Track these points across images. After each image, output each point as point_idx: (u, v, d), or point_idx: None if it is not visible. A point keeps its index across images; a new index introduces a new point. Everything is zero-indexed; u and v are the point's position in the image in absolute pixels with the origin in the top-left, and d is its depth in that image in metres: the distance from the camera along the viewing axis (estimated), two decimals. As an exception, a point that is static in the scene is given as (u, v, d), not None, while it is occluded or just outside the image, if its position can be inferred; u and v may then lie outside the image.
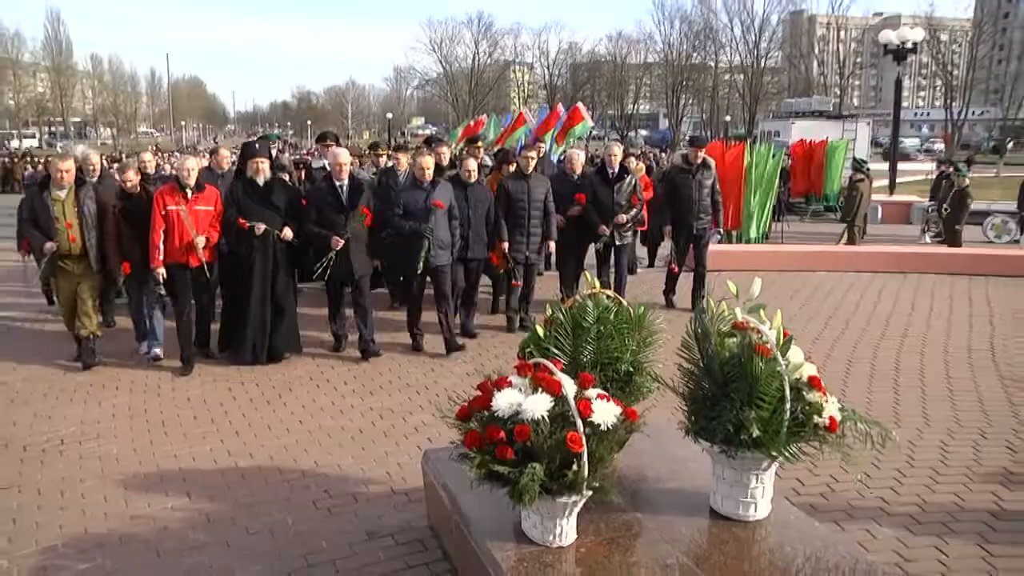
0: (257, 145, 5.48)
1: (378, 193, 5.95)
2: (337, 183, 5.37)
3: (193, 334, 5.38)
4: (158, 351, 5.52)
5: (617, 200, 6.43)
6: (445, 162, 6.88)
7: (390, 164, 6.90)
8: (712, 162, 7.05)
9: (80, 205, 5.17)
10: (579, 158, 6.68)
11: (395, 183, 6.27)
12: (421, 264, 5.40)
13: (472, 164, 6.00)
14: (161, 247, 5.10)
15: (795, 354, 2.37)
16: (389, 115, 51.70)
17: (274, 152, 7.89)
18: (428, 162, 5.50)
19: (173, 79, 77.26)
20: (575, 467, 2.07)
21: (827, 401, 2.33)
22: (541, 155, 7.85)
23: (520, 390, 2.20)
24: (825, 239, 11.86)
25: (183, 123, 76.07)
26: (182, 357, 5.32)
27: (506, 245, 6.03)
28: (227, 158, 6.75)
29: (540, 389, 2.16)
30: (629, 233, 6.68)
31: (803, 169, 15.73)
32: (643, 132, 63.51)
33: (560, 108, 17.33)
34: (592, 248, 6.65)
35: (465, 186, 5.87)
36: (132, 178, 5.44)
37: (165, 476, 3.79)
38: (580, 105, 15.08)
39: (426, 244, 5.39)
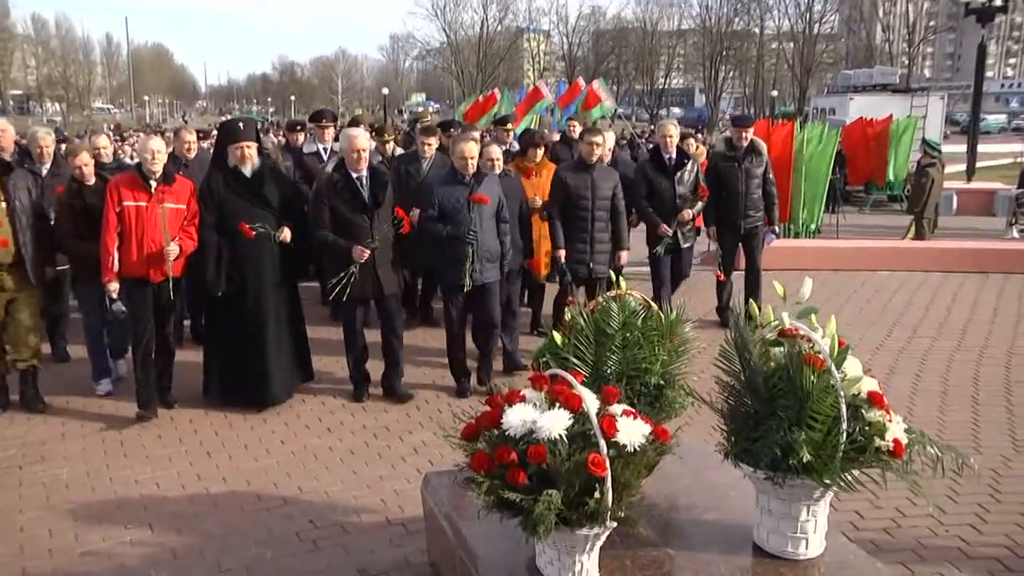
0: (241, 125, 4.90)
1: (395, 187, 5.39)
2: (355, 175, 4.79)
3: (153, 373, 4.82)
4: (108, 384, 5.24)
5: (680, 192, 6.12)
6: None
7: (411, 148, 6.40)
8: (763, 145, 6.73)
9: (10, 199, 4.60)
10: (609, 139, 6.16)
11: (416, 173, 5.95)
12: (468, 279, 4.87)
13: (495, 151, 5.42)
14: (116, 254, 4.53)
15: (852, 366, 2.37)
16: (385, 90, 51.92)
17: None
18: (471, 150, 4.93)
19: (134, 46, 77.96)
20: (597, 494, 2.08)
21: (891, 421, 2.32)
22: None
23: (535, 405, 2.21)
24: (889, 233, 11.79)
25: (146, 98, 76.55)
26: (140, 400, 4.80)
27: (563, 254, 5.49)
28: (193, 143, 6.23)
29: (557, 404, 2.17)
30: (693, 233, 6.38)
31: (863, 152, 15.67)
32: (676, 110, 63.25)
33: (581, 82, 17.38)
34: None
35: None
36: (86, 161, 4.99)
37: (123, 504, 3.83)
38: (597, 84, 15.09)
39: (470, 253, 4.86)
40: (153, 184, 4.58)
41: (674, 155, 6.20)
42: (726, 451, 2.45)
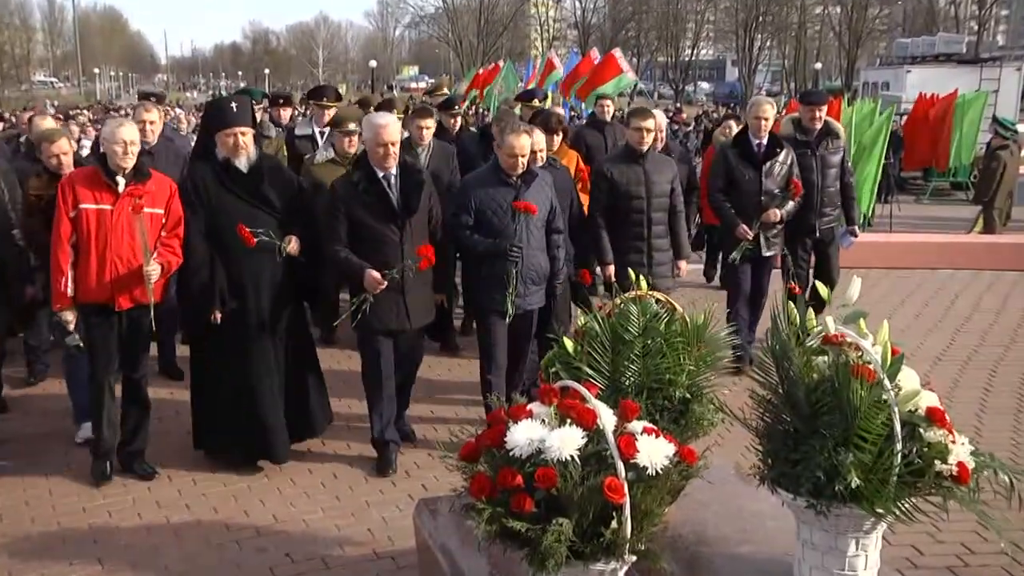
0: (233, 106, 4.36)
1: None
2: (380, 174, 4.33)
3: (118, 427, 4.36)
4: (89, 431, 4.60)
5: (767, 187, 5.72)
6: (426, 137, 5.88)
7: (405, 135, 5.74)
8: (839, 129, 6.37)
9: None
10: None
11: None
12: (509, 306, 4.50)
13: (540, 140, 5.05)
14: (70, 274, 4.05)
15: (908, 378, 2.37)
16: (373, 63, 52.04)
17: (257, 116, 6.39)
18: (523, 145, 4.51)
19: (80, 10, 77.95)
20: (615, 524, 2.08)
21: (954, 442, 2.32)
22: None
23: (543, 422, 2.22)
24: (951, 226, 11.77)
25: (96, 71, 76.57)
26: (97, 449, 4.36)
27: (612, 270, 5.23)
28: (152, 122, 5.56)
29: (569, 421, 2.18)
30: (779, 239, 5.96)
31: (921, 133, 15.63)
32: (704, 85, 63.29)
33: (595, 54, 17.44)
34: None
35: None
36: (65, 149, 4.62)
37: (69, 537, 3.83)
38: (617, 53, 15.11)
39: (514, 273, 4.48)
40: (121, 182, 4.07)
41: (765, 141, 5.79)
42: (762, 475, 2.45)
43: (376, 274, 4.18)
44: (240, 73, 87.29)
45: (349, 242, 4.29)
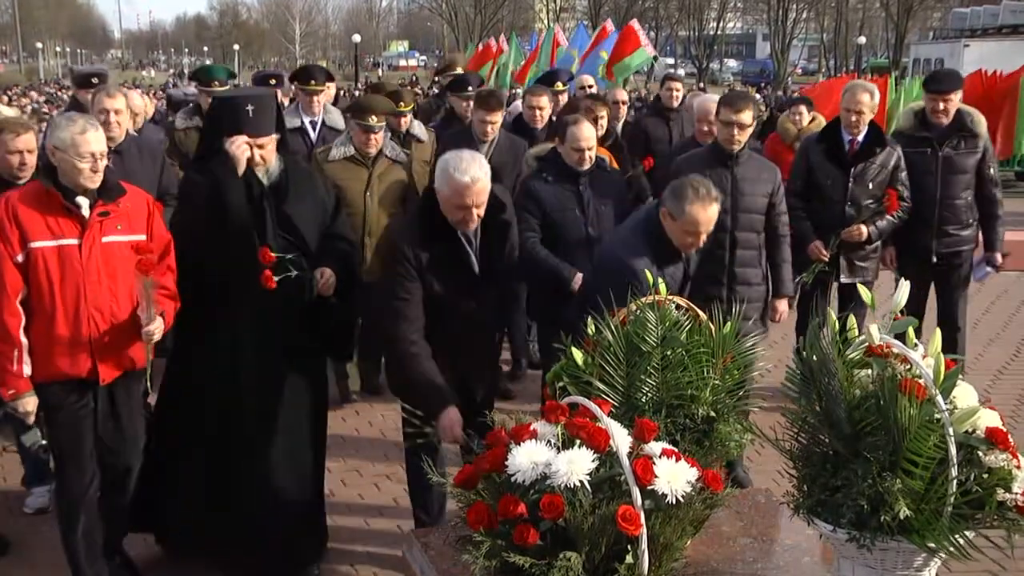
0: (250, 110, 3.66)
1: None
2: (459, 230, 3.63)
3: (101, 536, 3.66)
4: (43, 499, 4.33)
5: (854, 195, 5.25)
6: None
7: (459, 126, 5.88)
8: (980, 123, 5.56)
9: None
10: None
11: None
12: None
13: (589, 134, 4.57)
14: (24, 342, 3.30)
15: (965, 394, 2.38)
16: (356, 37, 52.09)
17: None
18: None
19: (19, -23, 77.95)
20: (630, 558, 2.09)
21: (1020, 467, 2.33)
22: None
23: (549, 443, 2.23)
24: (1017, 222, 11.73)
25: (39, 46, 76.76)
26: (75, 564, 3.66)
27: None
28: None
29: (578, 442, 2.19)
30: (870, 261, 5.48)
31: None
32: (731, 63, 63.39)
33: (610, 25, 17.47)
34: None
35: (576, 176, 4.62)
36: (31, 146, 4.04)
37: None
38: (635, 24, 15.14)
39: None
40: (85, 204, 3.35)
41: (861, 138, 5.29)
42: (797, 503, 2.46)
43: (457, 421, 3.44)
44: (206, 49, 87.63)
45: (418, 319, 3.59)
